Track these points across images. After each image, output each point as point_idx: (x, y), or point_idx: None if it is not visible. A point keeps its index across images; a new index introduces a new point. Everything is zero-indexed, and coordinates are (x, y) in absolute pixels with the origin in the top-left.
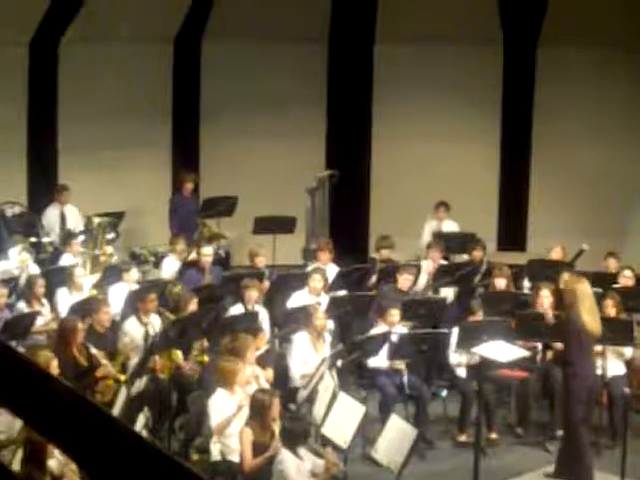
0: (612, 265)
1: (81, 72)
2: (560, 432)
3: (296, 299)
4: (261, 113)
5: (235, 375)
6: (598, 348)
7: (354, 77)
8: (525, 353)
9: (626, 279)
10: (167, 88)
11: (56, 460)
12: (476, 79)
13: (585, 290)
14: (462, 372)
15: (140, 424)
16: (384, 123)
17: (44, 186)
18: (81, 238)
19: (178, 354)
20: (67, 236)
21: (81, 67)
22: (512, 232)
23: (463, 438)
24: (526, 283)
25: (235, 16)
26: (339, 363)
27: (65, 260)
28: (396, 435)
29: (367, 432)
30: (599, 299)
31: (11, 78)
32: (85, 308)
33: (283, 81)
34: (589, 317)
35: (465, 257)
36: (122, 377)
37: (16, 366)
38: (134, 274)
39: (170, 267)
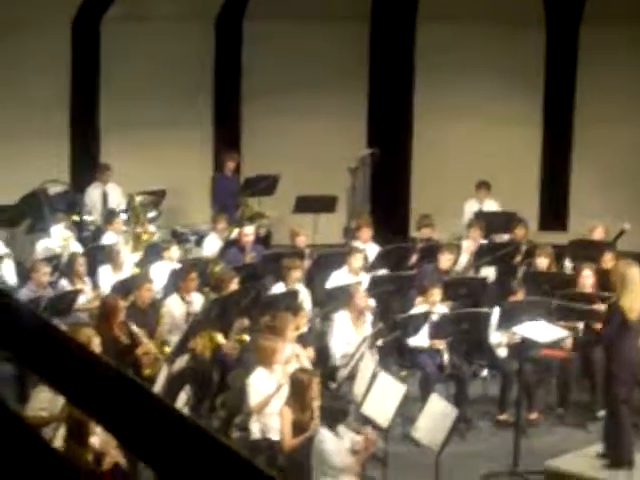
0: None
1: (123, 51)
2: (601, 413)
3: (336, 278)
4: (302, 91)
5: (274, 354)
6: None
7: (396, 55)
8: (566, 333)
9: None
10: (208, 67)
11: (98, 437)
12: (518, 59)
13: (633, 275)
14: (503, 352)
15: (181, 402)
16: (426, 102)
17: (86, 165)
18: (123, 216)
19: (218, 336)
20: (109, 214)
21: (123, 46)
22: (553, 212)
23: (503, 418)
24: (568, 263)
25: None
26: (379, 342)
27: (107, 238)
28: (436, 414)
29: (407, 411)
30: None
31: (54, 57)
32: (127, 286)
33: (324, 60)
34: (634, 303)
35: (506, 236)
36: (162, 355)
37: (58, 344)
38: (175, 252)
39: (211, 246)
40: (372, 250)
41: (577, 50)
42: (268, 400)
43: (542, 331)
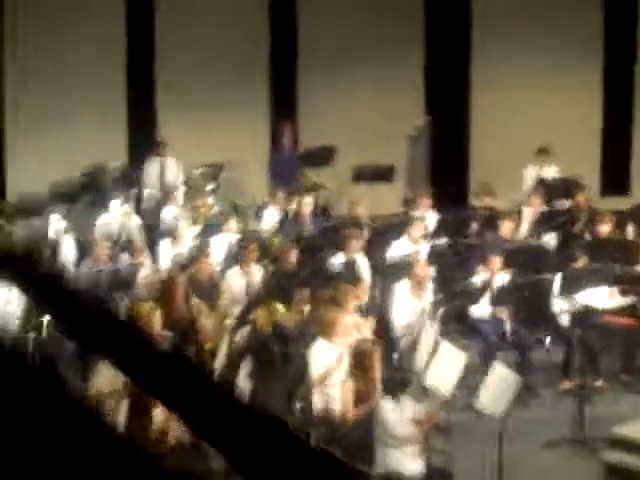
0: None
1: (178, 25)
2: None
3: (396, 248)
4: (358, 61)
5: (335, 325)
6: None
7: (452, 22)
8: (628, 300)
9: None
10: (264, 39)
11: (161, 412)
12: (577, 23)
13: None
14: (565, 319)
15: (244, 372)
16: (483, 69)
17: (144, 141)
18: (182, 190)
19: (279, 307)
20: (168, 188)
21: (178, 20)
22: (615, 177)
23: (567, 386)
24: (630, 229)
25: None
26: (441, 311)
27: (167, 212)
28: (499, 383)
29: (470, 380)
30: None
31: (109, 33)
32: (187, 259)
33: (380, 27)
34: None
35: (567, 203)
36: (224, 327)
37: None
38: (234, 225)
39: (270, 218)
40: (432, 219)
41: (637, 12)
42: (330, 371)
43: (604, 298)
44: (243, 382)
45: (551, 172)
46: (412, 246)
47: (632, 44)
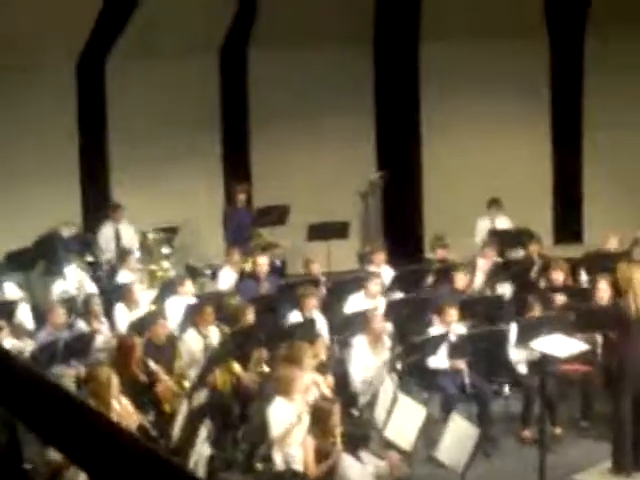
0: None
1: (129, 88)
2: None
3: (353, 303)
4: (309, 118)
5: (293, 383)
6: None
7: (401, 76)
8: (585, 347)
9: None
10: (215, 99)
11: None
12: (523, 72)
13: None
14: (523, 368)
15: (202, 436)
16: (433, 121)
17: (98, 205)
18: (137, 254)
19: (236, 366)
20: (123, 253)
21: (128, 83)
22: (567, 225)
23: (527, 434)
24: (583, 276)
25: (279, 23)
26: (399, 366)
27: (122, 277)
28: (458, 435)
29: (430, 433)
30: None
31: (60, 98)
32: (143, 323)
33: (330, 85)
34: (636, 304)
35: (521, 253)
36: (182, 391)
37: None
38: (189, 287)
39: (226, 278)
40: (387, 273)
41: (582, 59)
42: (290, 430)
43: (561, 345)
44: (202, 446)
45: (503, 223)
46: (369, 301)
47: (578, 87)
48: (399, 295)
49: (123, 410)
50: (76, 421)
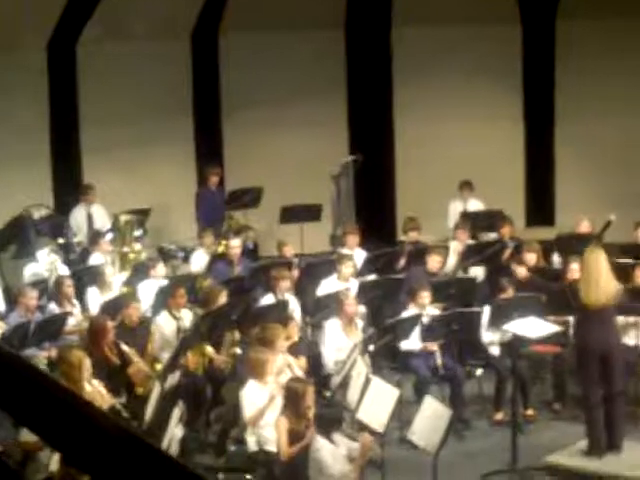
0: None
1: (100, 72)
2: None
3: (326, 286)
4: (282, 102)
5: (265, 365)
6: (631, 319)
7: (373, 61)
8: (557, 328)
9: None
10: (187, 83)
11: None
12: (496, 58)
13: (590, 259)
14: (495, 350)
15: (175, 418)
16: (405, 105)
17: (69, 187)
18: (109, 237)
19: (209, 349)
20: (95, 235)
21: (100, 67)
22: (540, 208)
23: (499, 416)
24: (556, 258)
25: (250, 7)
26: (371, 348)
27: (94, 259)
28: (431, 416)
29: (403, 415)
30: (629, 270)
31: (31, 81)
32: (115, 306)
33: (302, 69)
34: (586, 287)
35: (493, 235)
36: (154, 373)
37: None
38: (161, 270)
39: (199, 261)
40: (359, 256)
41: (554, 45)
42: (262, 412)
43: (533, 327)
44: (175, 428)
45: (475, 204)
46: (342, 284)
47: (550, 73)
48: (372, 277)
49: (95, 392)
50: (50, 401)
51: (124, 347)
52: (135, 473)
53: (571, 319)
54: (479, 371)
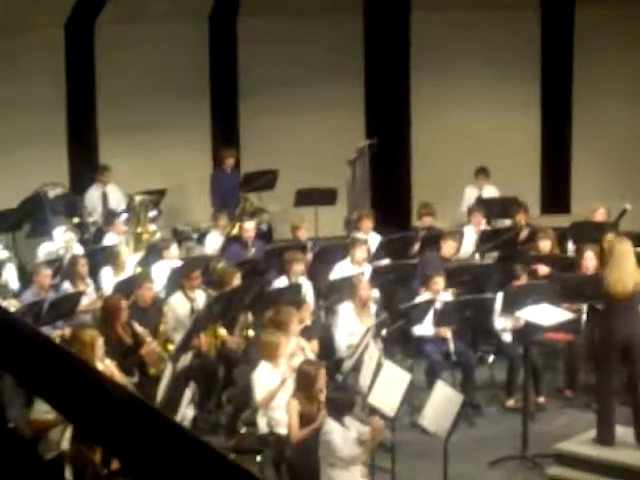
0: None
1: (118, 52)
2: None
3: (339, 270)
4: (299, 86)
5: (278, 348)
6: None
7: (391, 46)
8: (570, 316)
9: None
10: (204, 65)
11: None
12: (514, 43)
13: (621, 249)
14: (508, 337)
15: (187, 399)
16: (423, 91)
17: (85, 167)
18: (124, 217)
19: (222, 331)
20: (110, 216)
21: (117, 47)
22: (555, 195)
23: (511, 403)
24: (570, 246)
25: None
26: (384, 332)
27: (108, 239)
28: (442, 402)
29: (414, 400)
30: None
31: (48, 60)
32: (128, 286)
33: (320, 53)
34: (614, 275)
35: (508, 222)
36: (167, 354)
37: (53, 356)
38: (174, 251)
39: (213, 243)
40: (374, 240)
41: (573, 32)
42: (273, 394)
43: (546, 314)
44: (186, 408)
45: (490, 191)
46: (355, 268)
47: (569, 60)
48: (385, 262)
49: (107, 371)
50: (66, 373)
51: (137, 327)
52: (148, 444)
53: (584, 307)
54: (491, 357)
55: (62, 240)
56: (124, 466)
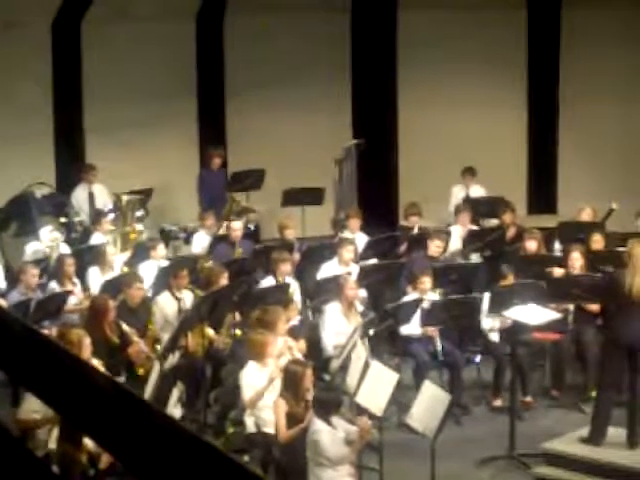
0: None
1: (105, 51)
2: (594, 393)
3: (326, 270)
4: (286, 86)
5: (265, 347)
6: None
7: (378, 45)
8: (557, 315)
9: None
10: (191, 65)
11: None
12: (501, 43)
13: (638, 251)
14: (495, 336)
15: (174, 399)
16: (410, 90)
17: (72, 166)
18: (111, 216)
19: (209, 331)
20: (96, 215)
21: (104, 46)
22: (542, 195)
23: (498, 403)
24: (557, 245)
25: None
26: (371, 332)
27: (95, 239)
28: (430, 401)
29: (401, 399)
30: None
31: (35, 59)
32: (116, 285)
33: (307, 52)
34: (633, 278)
35: (495, 221)
36: (154, 353)
37: (45, 351)
38: (162, 251)
39: (200, 242)
40: (361, 240)
41: (559, 32)
42: (261, 394)
43: (533, 314)
44: (174, 408)
45: (477, 191)
46: (343, 268)
47: (555, 60)
48: (373, 261)
49: None
50: (57, 367)
51: (125, 327)
52: (138, 435)
53: (571, 307)
54: (478, 357)
55: (48, 240)
56: (117, 459)
